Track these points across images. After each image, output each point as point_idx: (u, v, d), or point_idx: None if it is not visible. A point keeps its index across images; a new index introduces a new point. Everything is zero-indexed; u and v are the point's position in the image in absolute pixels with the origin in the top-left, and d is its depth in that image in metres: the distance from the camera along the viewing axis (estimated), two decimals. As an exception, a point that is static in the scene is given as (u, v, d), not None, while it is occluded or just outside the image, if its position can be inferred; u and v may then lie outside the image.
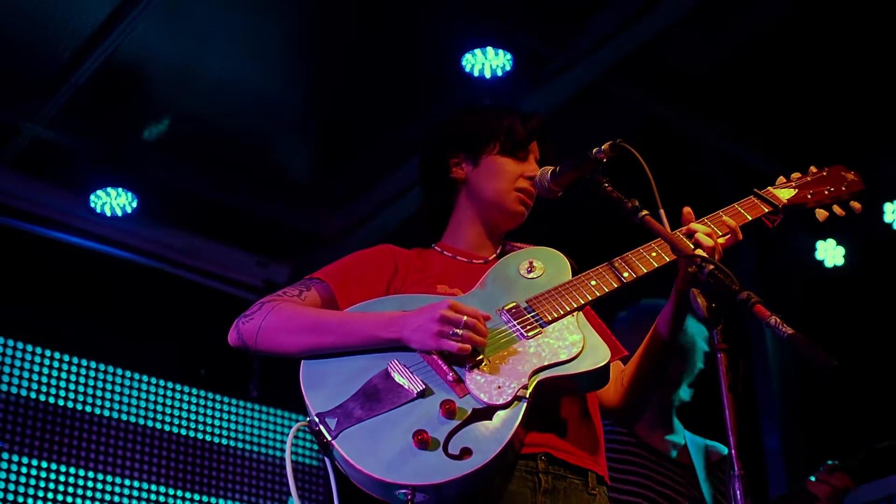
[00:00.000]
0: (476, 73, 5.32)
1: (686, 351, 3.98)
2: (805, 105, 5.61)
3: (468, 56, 5.30)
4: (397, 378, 2.31)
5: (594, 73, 5.47)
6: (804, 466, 5.68)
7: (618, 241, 2.65)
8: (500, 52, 5.27)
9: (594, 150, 2.53)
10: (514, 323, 2.43)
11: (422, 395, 2.28)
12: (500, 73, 5.31)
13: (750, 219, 2.63)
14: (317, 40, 5.57)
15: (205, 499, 6.54)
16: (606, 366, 2.37)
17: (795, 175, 2.80)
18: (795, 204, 2.72)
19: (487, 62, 5.31)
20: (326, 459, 2.26)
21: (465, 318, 2.29)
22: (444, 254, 2.75)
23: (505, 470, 2.29)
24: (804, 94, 5.58)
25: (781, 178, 2.78)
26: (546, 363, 2.33)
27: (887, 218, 6.00)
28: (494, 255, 2.76)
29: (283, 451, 6.97)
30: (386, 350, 2.37)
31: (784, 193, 2.72)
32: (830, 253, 6.25)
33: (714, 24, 5.33)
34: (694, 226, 2.52)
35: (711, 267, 2.17)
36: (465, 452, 2.17)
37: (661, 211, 2.46)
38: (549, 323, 2.42)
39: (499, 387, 2.28)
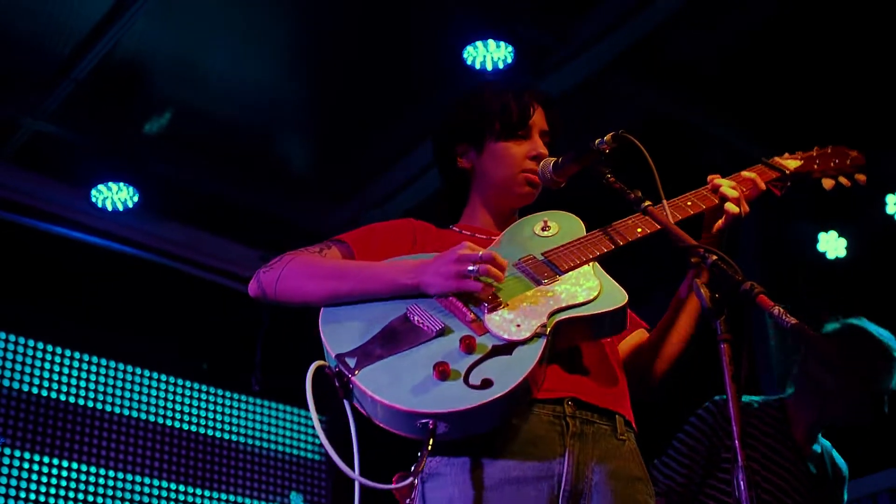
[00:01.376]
0: (478, 66, 5.32)
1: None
2: (807, 97, 5.60)
3: (469, 48, 5.30)
4: (417, 321, 2.32)
5: (595, 65, 5.46)
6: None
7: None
8: (502, 44, 5.26)
9: (596, 141, 2.52)
10: (531, 272, 2.44)
11: (441, 333, 2.28)
12: (501, 65, 5.31)
13: (763, 186, 2.67)
14: (318, 34, 5.56)
15: (206, 493, 6.55)
16: (624, 308, 2.38)
17: (799, 153, 2.86)
18: (802, 172, 2.78)
19: (489, 54, 5.30)
20: (346, 402, 2.24)
21: (481, 252, 2.30)
22: (463, 233, 2.75)
23: (523, 407, 2.29)
24: (806, 85, 5.57)
25: (787, 154, 2.84)
26: (564, 304, 2.34)
27: (889, 210, 6.00)
28: None
29: (284, 444, 6.97)
30: (406, 297, 2.37)
31: (791, 163, 2.79)
32: (832, 245, 6.25)
33: (716, 16, 5.32)
34: (718, 181, 2.57)
35: (715, 257, 2.17)
36: (487, 383, 2.17)
37: (665, 202, 2.47)
38: (566, 272, 2.44)
39: (518, 325, 2.28)
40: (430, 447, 2.14)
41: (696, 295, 2.15)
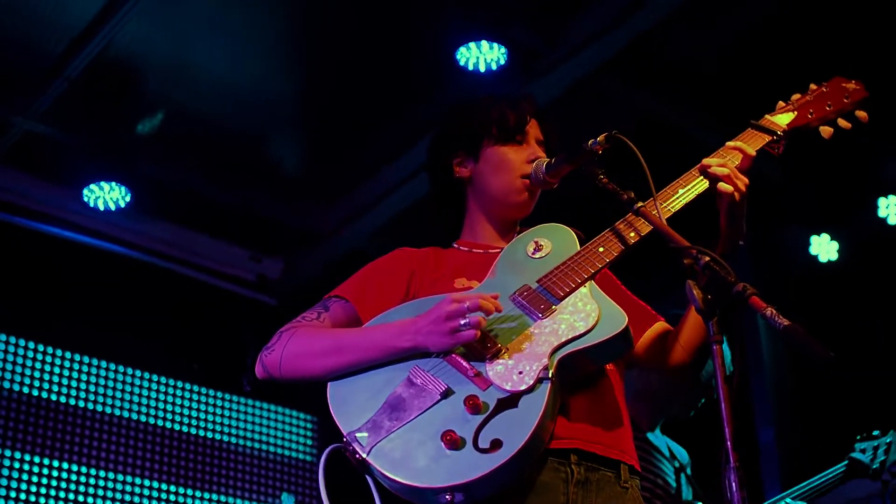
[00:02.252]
0: (470, 67, 5.32)
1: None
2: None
3: (462, 50, 5.29)
4: (420, 384, 2.29)
5: (589, 67, 5.45)
6: (798, 460, 5.70)
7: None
8: (495, 45, 5.26)
9: (589, 142, 2.51)
10: (528, 306, 2.40)
11: (445, 395, 2.25)
12: (494, 66, 5.31)
13: (752, 152, 2.56)
14: (311, 34, 5.56)
15: (198, 493, 6.54)
16: (625, 330, 2.34)
17: (795, 96, 2.76)
18: (797, 127, 2.68)
19: (482, 56, 5.30)
20: (367, 477, 2.25)
21: (468, 303, 2.27)
22: (461, 249, 2.74)
23: (538, 458, 2.27)
24: (799, 89, 5.57)
25: (780, 103, 2.75)
26: (564, 339, 2.30)
27: (881, 213, 6.01)
28: None
29: (276, 445, 6.96)
30: (407, 359, 2.35)
31: (783, 119, 2.69)
32: (825, 248, 6.27)
33: (708, 18, 5.32)
34: (706, 161, 2.50)
35: (707, 259, 2.16)
36: (496, 444, 2.15)
37: (658, 202, 2.45)
38: (562, 299, 2.39)
39: (520, 372, 2.25)
40: None
41: (689, 296, 2.14)
